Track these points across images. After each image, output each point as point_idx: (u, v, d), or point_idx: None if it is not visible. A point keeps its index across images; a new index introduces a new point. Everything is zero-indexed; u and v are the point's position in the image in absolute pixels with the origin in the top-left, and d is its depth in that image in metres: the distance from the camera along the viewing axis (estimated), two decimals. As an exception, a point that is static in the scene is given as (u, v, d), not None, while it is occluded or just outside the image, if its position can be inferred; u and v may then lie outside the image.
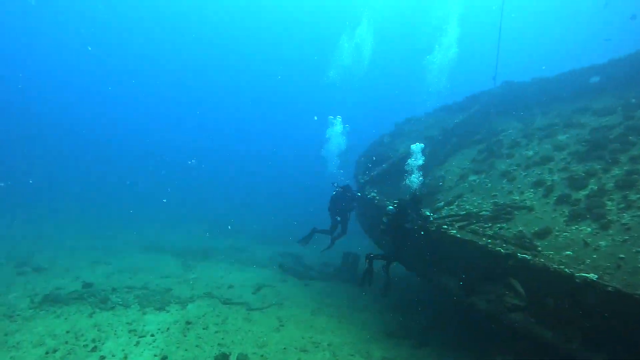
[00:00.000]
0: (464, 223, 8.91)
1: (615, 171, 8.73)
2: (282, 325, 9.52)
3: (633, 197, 7.59)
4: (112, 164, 49.06)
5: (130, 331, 8.80)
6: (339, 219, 12.52)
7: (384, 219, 9.14)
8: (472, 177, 11.69)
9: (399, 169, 12.87)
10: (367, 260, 9.90)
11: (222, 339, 8.60)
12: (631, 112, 11.18)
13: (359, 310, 10.86)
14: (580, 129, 11.62)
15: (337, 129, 16.05)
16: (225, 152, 60.34)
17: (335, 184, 12.58)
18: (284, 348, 8.18)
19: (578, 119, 12.28)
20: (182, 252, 18.10)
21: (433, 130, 15.01)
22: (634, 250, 6.27)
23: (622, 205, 7.46)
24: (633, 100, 11.81)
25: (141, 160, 52.79)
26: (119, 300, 10.77)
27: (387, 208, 9.17)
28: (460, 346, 8.36)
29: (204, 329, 9.13)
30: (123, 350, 7.90)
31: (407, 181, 11.25)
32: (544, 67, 16.88)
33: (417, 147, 11.76)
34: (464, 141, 14.50)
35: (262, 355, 7.78)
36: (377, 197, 10.83)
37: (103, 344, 8.14)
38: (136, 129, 65.88)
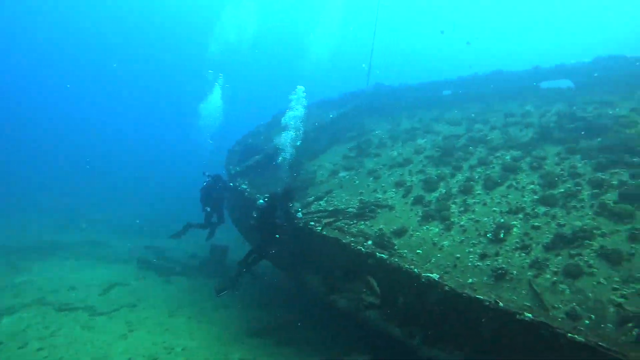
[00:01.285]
0: (331, 219, 9.18)
1: (459, 177, 9.85)
2: (132, 331, 8.66)
3: (470, 201, 8.64)
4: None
5: None
6: (208, 209, 12.05)
7: (254, 214, 8.98)
8: (342, 174, 12.03)
9: (273, 161, 12.85)
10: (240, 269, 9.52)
11: (46, 357, 7.37)
12: (471, 125, 12.80)
13: (222, 308, 10.49)
14: (435, 135, 12.84)
15: (214, 100, 15.16)
16: (87, 137, 53.00)
17: (206, 174, 12.05)
18: (129, 358, 7.43)
19: (434, 126, 13.62)
20: (11, 250, 15.27)
21: (308, 124, 15.28)
22: (467, 250, 7.12)
23: (462, 209, 8.44)
24: (472, 114, 13.54)
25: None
26: None
27: (258, 202, 9.03)
28: (322, 344, 8.52)
29: (20, 348, 7.68)
30: None
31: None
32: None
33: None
34: (338, 137, 15.03)
35: (99, 371, 6.90)
36: (248, 190, 10.65)
37: None
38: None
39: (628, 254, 5.90)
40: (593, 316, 5.07)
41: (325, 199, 10.66)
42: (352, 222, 9.03)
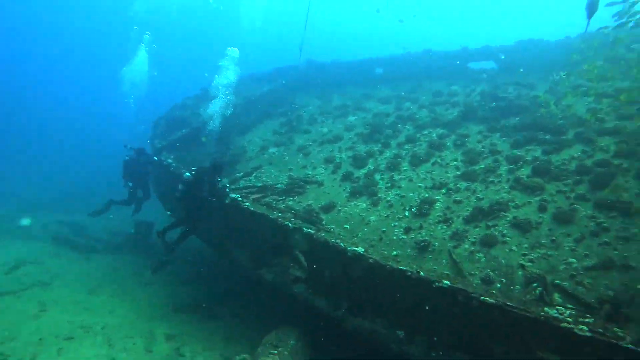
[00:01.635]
0: (260, 195, 9.05)
1: (387, 154, 10.08)
2: (44, 311, 7.98)
3: (397, 177, 8.87)
4: None
5: None
6: (130, 184, 11.30)
7: (180, 186, 8.54)
8: (272, 150, 11.95)
9: (201, 135, 12.36)
10: (160, 236, 9.01)
11: None
12: (401, 103, 13.11)
13: (147, 285, 9.99)
14: (366, 112, 13.06)
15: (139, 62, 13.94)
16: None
17: (128, 146, 11.24)
18: (40, 339, 6.84)
19: (365, 104, 13.79)
20: None
21: (239, 98, 14.77)
22: (392, 225, 7.34)
23: (389, 185, 8.65)
24: (402, 93, 13.85)
25: None
26: None
27: (184, 175, 8.60)
28: (250, 318, 8.44)
29: None
30: None
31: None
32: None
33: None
34: (269, 112, 14.75)
35: (1, 354, 6.30)
36: (174, 164, 10.14)
37: None
38: None
39: (536, 222, 6.38)
40: (504, 280, 5.46)
41: (255, 174, 10.57)
42: (280, 198, 9.01)
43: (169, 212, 10.94)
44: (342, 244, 6.07)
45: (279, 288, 7.08)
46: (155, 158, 11.03)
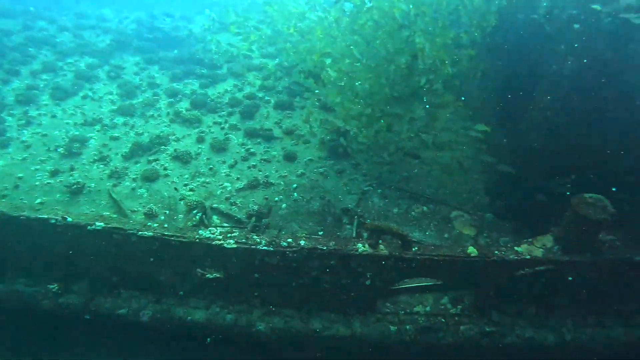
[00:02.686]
0: None
1: (16, 84, 8.09)
2: None
3: (33, 113, 7.28)
4: None
5: None
6: None
7: None
8: None
9: None
10: None
11: None
12: (32, 21, 10.67)
13: None
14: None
15: None
16: None
17: None
18: None
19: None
20: None
21: None
22: (32, 169, 6.01)
23: (23, 122, 6.99)
24: (32, 8, 11.24)
25: None
26: None
27: None
28: None
29: None
30: None
31: None
32: None
33: None
34: None
35: None
36: None
37: None
38: None
39: (196, 153, 6.54)
40: (168, 211, 5.38)
41: None
42: None
43: None
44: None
45: None
46: None
